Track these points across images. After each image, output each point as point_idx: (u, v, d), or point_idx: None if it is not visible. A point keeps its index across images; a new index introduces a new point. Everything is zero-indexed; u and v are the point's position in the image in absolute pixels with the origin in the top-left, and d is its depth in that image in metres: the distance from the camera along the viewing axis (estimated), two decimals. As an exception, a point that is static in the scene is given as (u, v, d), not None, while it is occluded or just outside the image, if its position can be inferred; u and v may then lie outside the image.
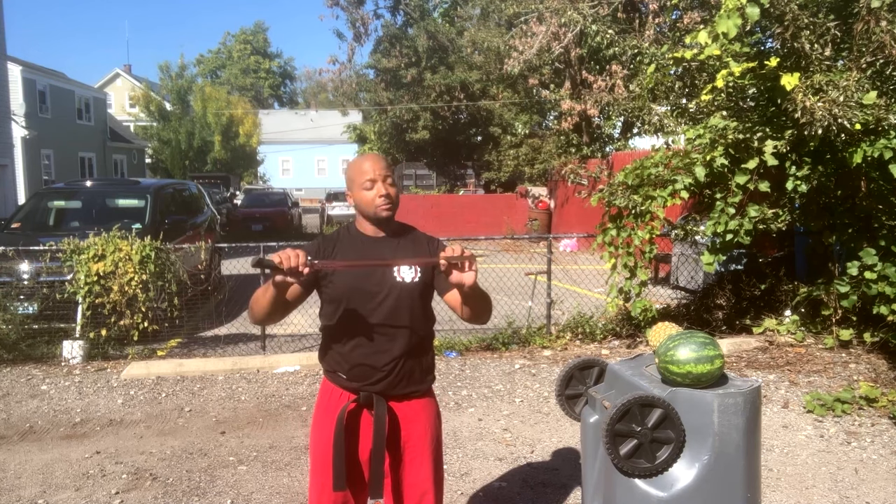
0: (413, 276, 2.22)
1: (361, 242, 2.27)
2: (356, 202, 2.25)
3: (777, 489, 3.73)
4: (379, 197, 2.19)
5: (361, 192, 2.21)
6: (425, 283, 2.26)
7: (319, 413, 2.31)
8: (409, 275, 2.22)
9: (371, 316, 2.19)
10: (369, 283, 2.20)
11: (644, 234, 6.01)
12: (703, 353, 2.12)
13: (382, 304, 2.20)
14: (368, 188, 2.20)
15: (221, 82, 57.41)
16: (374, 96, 24.76)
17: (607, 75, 13.78)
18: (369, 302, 2.19)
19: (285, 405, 5.21)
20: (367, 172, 2.20)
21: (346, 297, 2.20)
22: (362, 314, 2.20)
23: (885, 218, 5.60)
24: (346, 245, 2.27)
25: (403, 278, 2.21)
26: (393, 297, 2.20)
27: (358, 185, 2.22)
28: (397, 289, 2.21)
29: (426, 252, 2.28)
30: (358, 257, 2.23)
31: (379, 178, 2.20)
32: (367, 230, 2.28)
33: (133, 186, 9.91)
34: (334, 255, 2.24)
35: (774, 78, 5.38)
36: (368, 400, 2.21)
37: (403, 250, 2.26)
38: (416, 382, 2.28)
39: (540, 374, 5.84)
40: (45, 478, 3.99)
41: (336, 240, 2.29)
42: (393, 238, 2.28)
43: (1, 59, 18.85)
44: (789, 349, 6.09)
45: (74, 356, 6.37)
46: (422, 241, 2.32)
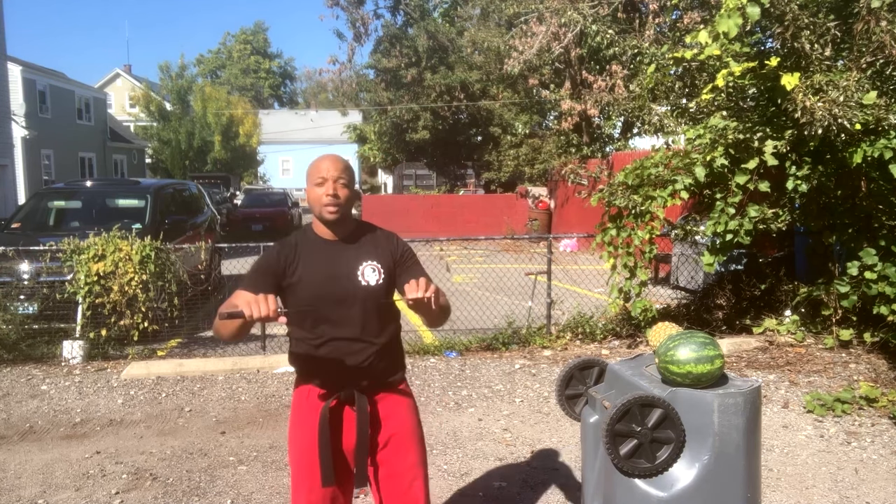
0: (378, 279, 2.24)
1: (322, 249, 2.25)
2: (307, 199, 2.25)
3: (777, 489, 3.73)
4: (326, 195, 2.17)
5: (312, 188, 2.20)
6: (389, 284, 2.28)
7: (298, 415, 2.31)
8: (373, 277, 2.23)
9: (341, 321, 2.21)
10: (335, 289, 2.20)
11: (644, 234, 6.01)
12: (703, 353, 2.12)
13: (351, 308, 2.21)
14: (318, 184, 2.19)
15: (221, 82, 57.41)
16: (374, 96, 24.77)
17: (607, 75, 13.78)
18: (338, 307, 2.20)
19: (285, 405, 5.20)
20: (321, 171, 2.19)
21: (313, 304, 2.20)
22: (332, 319, 2.20)
23: (885, 218, 5.60)
24: (307, 253, 2.24)
25: (368, 282, 2.23)
26: (360, 300, 2.22)
27: (310, 182, 2.20)
28: (363, 292, 2.22)
29: (388, 253, 2.29)
30: (321, 265, 2.22)
31: (331, 177, 2.18)
32: (325, 234, 2.27)
33: (133, 186, 9.91)
34: (297, 263, 2.22)
35: (774, 78, 5.38)
36: (349, 397, 2.24)
37: (364, 252, 2.27)
38: (391, 375, 2.32)
39: (540, 374, 5.84)
40: (45, 478, 3.99)
41: (295, 246, 2.26)
42: (353, 240, 2.27)
43: (1, 59, 18.85)
44: (789, 349, 6.09)
45: (74, 356, 6.37)
46: (382, 242, 2.32)
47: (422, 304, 2.02)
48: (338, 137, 38.40)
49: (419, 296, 2.00)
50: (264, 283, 2.17)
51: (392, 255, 2.30)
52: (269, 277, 2.20)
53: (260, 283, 2.17)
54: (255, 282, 2.18)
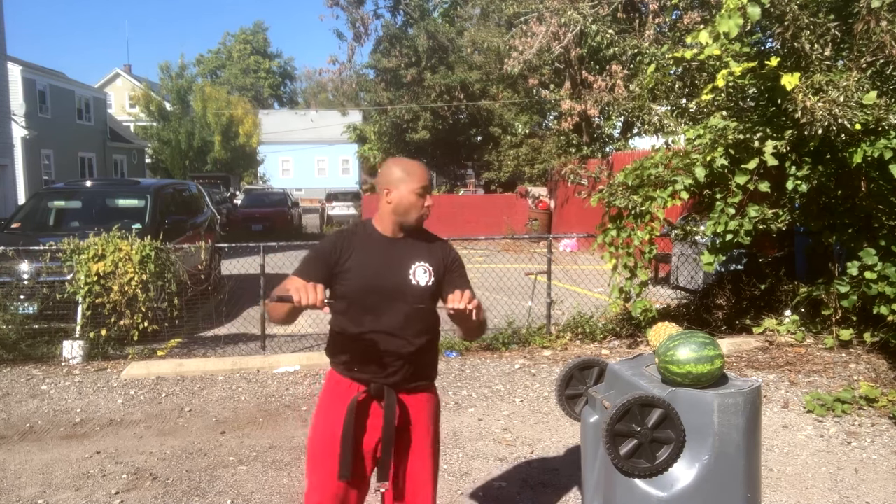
0: (427, 280, 2.30)
1: (378, 243, 2.32)
2: (398, 201, 2.28)
3: (777, 489, 3.73)
4: (426, 207, 2.29)
5: (412, 196, 2.27)
6: (437, 288, 2.34)
7: (326, 403, 2.37)
8: (423, 278, 2.30)
9: (385, 315, 2.26)
10: (385, 283, 2.26)
11: (644, 234, 6.01)
12: (703, 353, 2.12)
13: (396, 304, 2.26)
14: (421, 194, 2.28)
15: (221, 82, 57.37)
16: (374, 96, 24.78)
17: (607, 75, 13.78)
18: (384, 301, 2.26)
19: (285, 405, 5.21)
20: (423, 180, 2.30)
21: (361, 295, 2.26)
22: (376, 312, 2.26)
23: (885, 218, 5.60)
24: (363, 245, 2.31)
25: (418, 282, 2.29)
26: (407, 298, 2.27)
27: (409, 187, 2.27)
28: (411, 290, 2.28)
29: (440, 258, 2.36)
30: (375, 258, 2.29)
31: (429, 189, 2.32)
32: (387, 230, 2.33)
33: (133, 186, 9.91)
34: (351, 252, 2.28)
35: (775, 78, 5.38)
36: (379, 391, 2.28)
37: (418, 253, 2.33)
38: (423, 377, 2.38)
39: (540, 374, 5.84)
40: (45, 478, 3.99)
41: (352, 238, 2.33)
42: (409, 240, 2.34)
43: (1, 59, 18.85)
44: (789, 349, 6.09)
45: (74, 356, 6.37)
46: (435, 246, 2.39)
47: (462, 314, 2.09)
48: (338, 137, 38.39)
49: (461, 306, 2.07)
50: (316, 270, 2.24)
51: (444, 261, 2.37)
52: (321, 265, 2.26)
53: (312, 269, 2.25)
54: (308, 268, 2.26)
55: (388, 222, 2.32)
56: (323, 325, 7.57)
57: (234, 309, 7.78)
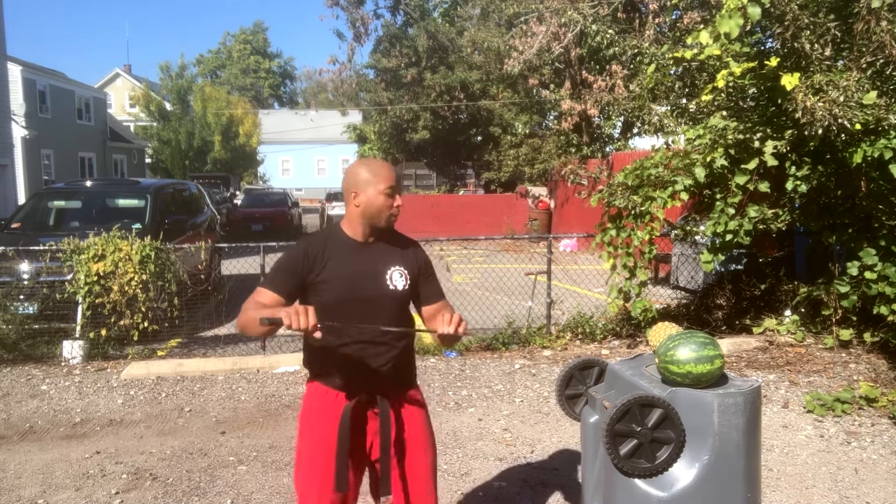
0: (404, 284, 2.28)
1: (351, 250, 2.26)
2: (366, 203, 2.22)
3: (777, 489, 3.73)
4: (396, 206, 2.24)
5: (380, 196, 2.21)
6: (413, 291, 2.32)
7: (311, 415, 2.30)
8: (400, 282, 2.27)
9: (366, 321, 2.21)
10: (364, 292, 2.22)
11: (644, 234, 6.01)
12: (703, 353, 2.12)
13: (376, 310, 2.23)
14: (390, 194, 2.22)
15: (221, 82, 57.38)
16: (374, 96, 24.77)
17: (607, 75, 13.78)
18: (363, 309, 2.21)
19: (285, 405, 5.21)
20: (390, 180, 2.24)
21: (338, 304, 2.20)
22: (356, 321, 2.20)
23: (885, 218, 5.59)
24: (336, 253, 2.25)
25: (396, 286, 2.26)
26: (385, 303, 2.25)
27: (376, 189, 2.21)
28: (389, 296, 2.25)
29: (412, 260, 2.34)
30: (350, 266, 2.24)
31: (397, 188, 2.26)
32: (357, 235, 2.28)
33: (133, 186, 9.90)
34: (325, 262, 2.22)
35: (774, 78, 5.38)
36: (371, 400, 2.25)
37: (393, 257, 2.30)
38: (406, 380, 2.37)
39: (540, 374, 5.84)
40: (45, 478, 3.99)
41: (325, 244, 2.26)
42: (381, 243, 2.30)
43: (1, 59, 18.85)
44: (789, 349, 6.09)
45: (74, 356, 6.37)
46: (408, 249, 2.36)
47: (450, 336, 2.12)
48: (338, 137, 38.43)
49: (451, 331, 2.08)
50: (287, 282, 2.19)
51: (416, 263, 2.34)
52: (292, 276, 2.20)
53: (283, 281, 2.19)
54: (278, 280, 2.20)
55: (359, 227, 2.26)
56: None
57: (234, 309, 7.74)
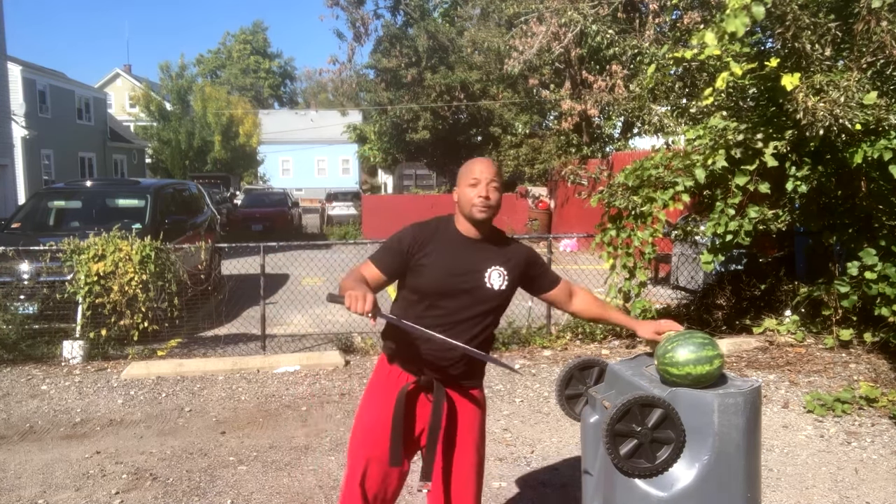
0: (501, 284, 2.32)
1: (456, 242, 2.33)
2: (458, 198, 2.33)
3: (777, 489, 3.73)
4: (478, 197, 2.26)
5: (465, 189, 2.30)
6: (510, 293, 2.36)
7: (377, 390, 2.38)
8: (498, 282, 2.32)
9: (452, 313, 2.28)
10: (460, 283, 2.28)
11: (644, 235, 6.01)
12: (702, 354, 2.12)
13: (467, 304, 2.28)
14: (473, 185, 2.28)
15: (221, 82, 57.36)
16: (374, 96, 24.76)
17: (607, 75, 13.77)
18: (454, 300, 2.28)
19: (285, 405, 5.20)
20: (475, 172, 2.30)
21: (434, 291, 2.28)
22: (445, 309, 2.28)
23: (885, 218, 5.59)
24: (442, 242, 2.32)
25: (492, 285, 2.31)
26: (478, 299, 2.29)
27: (464, 182, 2.31)
28: (483, 293, 2.30)
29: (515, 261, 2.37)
30: (453, 257, 2.30)
31: (484, 179, 2.28)
32: (463, 229, 2.35)
33: (133, 186, 9.91)
34: (430, 248, 2.30)
35: (775, 78, 5.37)
36: (429, 384, 2.30)
37: (495, 256, 2.34)
38: (474, 376, 2.40)
39: (540, 374, 5.84)
40: (45, 478, 3.99)
41: (433, 232, 2.34)
42: (487, 241, 2.35)
43: (1, 59, 18.84)
44: (789, 349, 6.09)
45: (74, 356, 6.36)
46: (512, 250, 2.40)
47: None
48: (338, 137, 38.41)
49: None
50: (392, 260, 2.29)
51: (520, 262, 2.39)
52: (397, 256, 2.29)
53: (388, 258, 2.29)
54: (384, 256, 2.30)
55: (463, 221, 2.35)
56: (323, 326, 7.58)
57: (234, 309, 7.78)
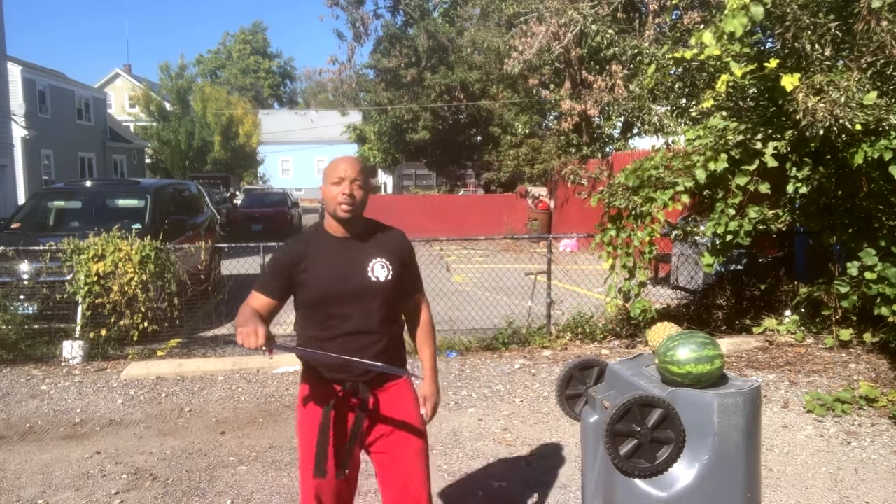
0: (387, 275, 2.30)
1: (331, 245, 2.31)
2: (323, 197, 2.32)
3: (777, 489, 3.73)
4: (342, 195, 2.24)
5: (329, 187, 2.28)
6: (397, 281, 2.34)
7: (305, 407, 2.38)
8: (382, 273, 2.30)
9: (349, 316, 2.27)
10: (345, 285, 2.26)
11: (644, 235, 6.01)
12: (702, 353, 2.12)
13: (360, 304, 2.27)
14: (336, 184, 2.26)
15: (221, 82, 57.34)
16: (374, 96, 24.77)
17: (607, 75, 13.77)
18: (347, 303, 2.26)
19: (285, 405, 5.21)
20: (339, 171, 2.27)
21: (323, 301, 2.27)
22: (341, 315, 2.27)
23: (885, 218, 5.60)
24: (317, 250, 2.30)
25: (378, 278, 2.29)
26: (368, 296, 2.28)
27: (328, 180, 2.28)
28: (373, 288, 2.28)
29: (395, 249, 2.36)
30: (331, 262, 2.28)
31: (348, 178, 2.25)
32: (335, 231, 2.33)
33: (133, 186, 9.90)
34: (307, 261, 2.28)
35: (775, 78, 5.37)
36: (354, 388, 2.30)
37: (373, 249, 2.33)
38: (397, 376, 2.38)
39: (540, 374, 5.84)
40: (45, 478, 3.99)
41: (305, 245, 2.33)
42: (360, 238, 2.33)
43: (1, 59, 18.85)
44: (789, 349, 6.09)
45: (74, 356, 6.36)
46: (391, 240, 2.39)
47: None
48: (338, 137, 38.39)
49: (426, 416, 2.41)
50: (277, 283, 2.29)
51: (400, 253, 2.37)
52: (280, 277, 2.29)
53: (272, 283, 2.30)
54: (268, 282, 2.31)
55: (332, 222, 2.32)
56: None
57: (234, 309, 7.72)
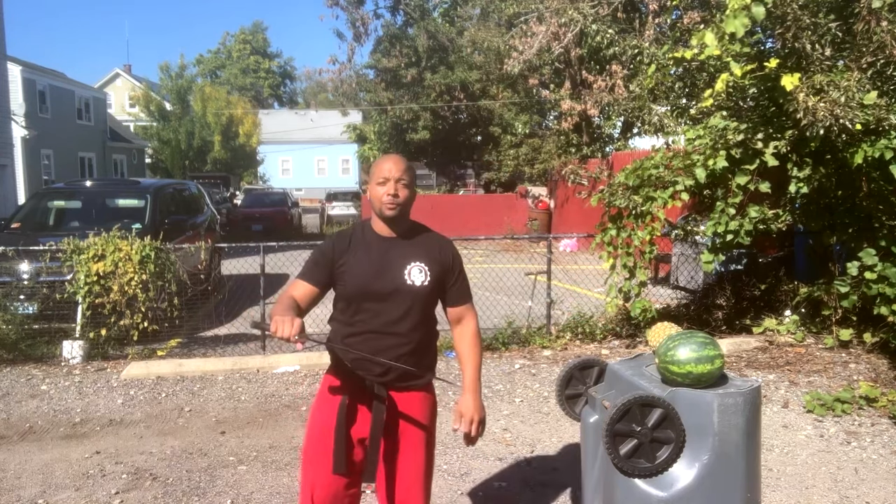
0: (423, 280, 2.32)
1: (373, 243, 2.35)
2: (370, 196, 2.35)
3: (777, 489, 3.73)
4: (387, 195, 2.27)
5: (375, 187, 2.31)
6: (434, 288, 2.35)
7: (322, 400, 2.39)
8: (419, 278, 2.31)
9: (380, 314, 2.29)
10: (381, 284, 2.29)
11: (644, 234, 6.01)
12: (703, 353, 2.12)
13: (392, 304, 2.29)
14: (381, 184, 2.29)
15: (221, 82, 57.34)
16: (374, 96, 24.78)
17: (607, 75, 13.78)
18: (379, 301, 2.29)
19: (285, 405, 5.21)
20: (384, 171, 2.30)
21: (357, 296, 2.30)
22: (372, 311, 2.29)
23: (885, 218, 5.60)
24: (359, 246, 2.34)
25: (414, 282, 2.31)
26: (401, 298, 2.30)
27: (374, 180, 2.32)
28: (406, 291, 2.30)
29: (437, 256, 2.37)
30: (370, 259, 2.31)
31: (393, 177, 2.29)
32: (380, 229, 2.36)
33: (133, 186, 9.90)
34: (348, 254, 2.32)
35: (775, 78, 5.38)
36: (372, 388, 2.31)
37: (414, 252, 2.34)
38: (417, 378, 2.37)
39: (540, 374, 5.84)
40: (45, 478, 3.99)
41: (350, 238, 2.37)
42: (404, 239, 2.35)
43: (1, 59, 18.85)
44: (789, 349, 6.09)
45: (74, 356, 6.36)
46: (434, 246, 2.39)
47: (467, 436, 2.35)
48: (338, 137, 38.41)
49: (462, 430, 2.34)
50: (318, 273, 2.33)
51: (443, 261, 2.38)
52: (322, 267, 2.33)
53: (314, 272, 2.33)
54: (310, 271, 2.34)
55: (377, 221, 2.35)
56: (323, 325, 7.56)
57: (234, 309, 7.77)
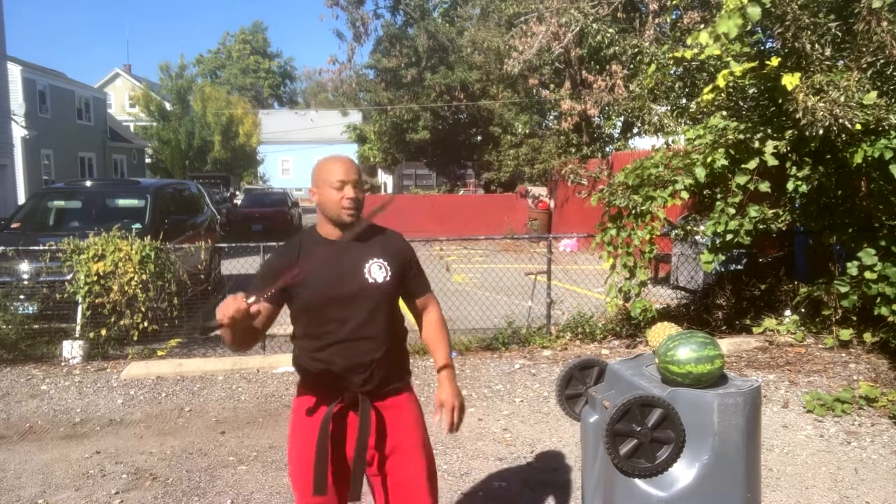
0: (385, 276, 2.21)
1: (327, 248, 2.21)
2: (320, 201, 2.20)
3: (777, 489, 3.73)
4: (346, 199, 2.16)
5: (329, 191, 2.17)
6: (397, 284, 2.25)
7: (299, 419, 2.26)
8: (380, 275, 2.20)
9: (347, 321, 2.16)
10: (341, 288, 2.17)
11: (644, 234, 6.01)
12: (703, 353, 2.12)
13: (357, 307, 2.17)
14: (338, 188, 2.16)
15: (221, 82, 57.35)
16: (374, 96, 24.79)
17: (607, 75, 13.79)
18: (344, 307, 2.17)
19: (285, 405, 5.20)
20: (339, 173, 2.17)
21: (320, 304, 2.17)
22: (338, 320, 2.16)
23: (885, 218, 5.60)
24: (312, 253, 2.21)
25: (375, 279, 2.19)
26: (366, 298, 2.18)
27: (326, 184, 2.18)
28: (370, 290, 2.18)
29: (395, 251, 2.27)
30: (327, 264, 2.19)
31: (351, 180, 2.17)
32: (329, 233, 2.23)
33: (133, 186, 9.91)
34: (300, 265, 2.16)
35: (775, 78, 5.38)
36: (353, 400, 2.19)
37: (370, 250, 2.23)
38: (396, 380, 2.28)
39: (540, 374, 5.84)
40: (45, 478, 3.99)
41: (299, 247, 2.23)
42: (358, 240, 2.23)
43: (1, 59, 18.85)
44: (789, 349, 6.09)
45: (74, 356, 6.36)
46: (390, 242, 2.29)
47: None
48: (338, 137, 38.39)
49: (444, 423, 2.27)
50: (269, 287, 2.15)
51: (400, 255, 2.28)
52: (273, 282, 2.14)
53: (265, 287, 2.15)
54: (260, 287, 2.16)
55: (326, 224, 2.23)
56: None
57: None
